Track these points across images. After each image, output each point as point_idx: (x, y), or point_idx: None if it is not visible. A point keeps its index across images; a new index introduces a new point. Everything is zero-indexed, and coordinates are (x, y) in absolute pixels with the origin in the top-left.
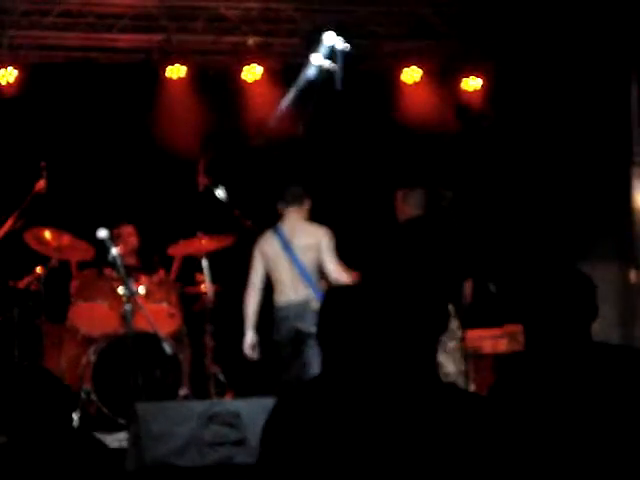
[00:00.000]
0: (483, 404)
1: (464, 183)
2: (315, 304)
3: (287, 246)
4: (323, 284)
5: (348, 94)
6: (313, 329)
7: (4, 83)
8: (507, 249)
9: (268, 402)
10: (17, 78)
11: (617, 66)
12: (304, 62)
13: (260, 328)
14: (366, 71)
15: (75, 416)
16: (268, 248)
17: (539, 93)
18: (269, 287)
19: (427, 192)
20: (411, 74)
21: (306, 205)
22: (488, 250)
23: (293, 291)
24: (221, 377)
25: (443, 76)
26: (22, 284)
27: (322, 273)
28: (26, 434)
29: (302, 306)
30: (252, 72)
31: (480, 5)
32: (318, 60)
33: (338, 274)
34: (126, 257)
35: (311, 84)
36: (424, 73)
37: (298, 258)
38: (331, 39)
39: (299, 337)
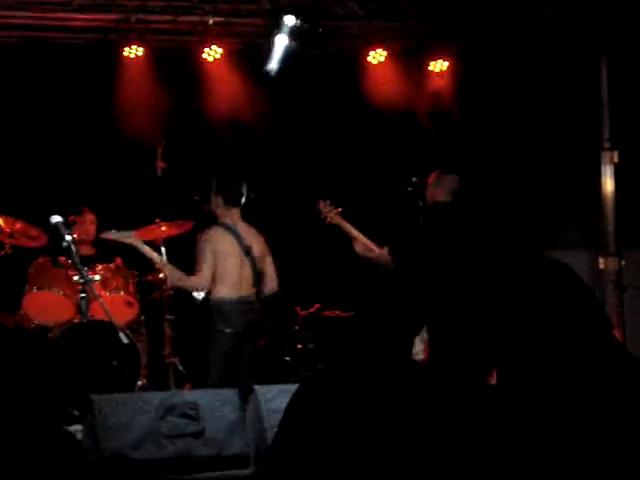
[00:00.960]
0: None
1: (430, 167)
2: (257, 305)
3: (248, 251)
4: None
5: (315, 75)
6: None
7: None
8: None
9: (227, 393)
10: None
11: (587, 49)
12: (265, 43)
13: None
14: (332, 52)
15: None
16: (221, 246)
17: (506, 76)
18: None
19: (460, 178)
20: (376, 55)
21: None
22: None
23: (242, 287)
24: (180, 368)
25: (409, 58)
26: None
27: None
28: None
29: (249, 304)
30: (212, 53)
31: None
32: (281, 41)
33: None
34: (82, 245)
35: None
36: (389, 54)
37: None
38: (292, 20)
39: (245, 333)
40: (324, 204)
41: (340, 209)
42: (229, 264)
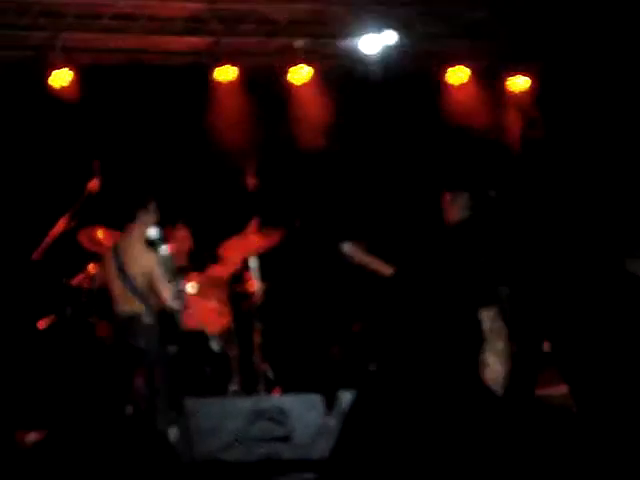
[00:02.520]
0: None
1: (509, 183)
2: (147, 319)
3: (121, 268)
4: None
5: (395, 93)
6: (142, 344)
7: (58, 85)
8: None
9: (314, 399)
10: (71, 80)
11: None
12: (352, 63)
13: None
14: (412, 71)
15: (129, 409)
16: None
17: (587, 92)
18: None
19: (473, 195)
20: (457, 74)
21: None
22: (532, 251)
23: (118, 303)
24: (269, 374)
25: (489, 76)
26: (74, 282)
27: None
28: (84, 424)
29: (126, 320)
30: (300, 74)
31: (526, 5)
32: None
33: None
34: (177, 257)
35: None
36: (471, 73)
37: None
38: (381, 39)
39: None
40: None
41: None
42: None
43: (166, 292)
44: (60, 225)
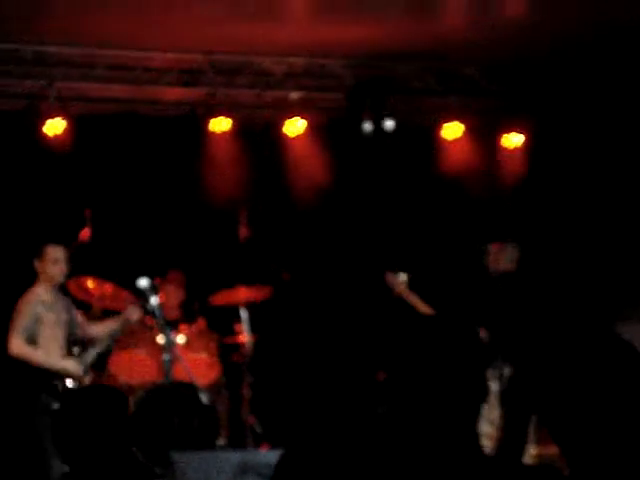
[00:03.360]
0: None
1: (506, 238)
2: None
3: None
4: None
5: (390, 149)
6: None
7: (51, 134)
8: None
9: None
10: (64, 129)
11: None
12: (346, 117)
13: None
14: (407, 126)
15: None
16: None
17: (581, 150)
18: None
19: (520, 247)
20: (452, 130)
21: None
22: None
23: None
24: (258, 428)
25: (483, 132)
26: None
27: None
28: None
29: None
30: (294, 126)
31: (521, 62)
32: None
33: None
34: (167, 307)
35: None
36: (466, 129)
37: None
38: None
39: None
40: (392, 275)
41: (406, 278)
42: None
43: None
44: None
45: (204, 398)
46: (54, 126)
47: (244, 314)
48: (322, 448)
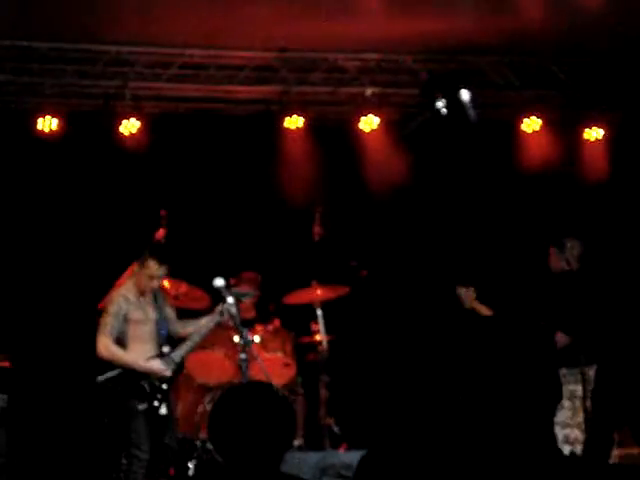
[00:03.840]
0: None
1: (589, 232)
2: None
3: None
4: None
5: (469, 143)
6: None
7: (127, 134)
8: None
9: None
10: (139, 129)
11: None
12: (422, 112)
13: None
14: (486, 120)
15: (191, 465)
16: None
17: None
18: None
19: (583, 244)
20: (531, 123)
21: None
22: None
23: None
24: (335, 429)
25: (563, 126)
26: None
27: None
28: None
29: None
30: (369, 123)
31: (600, 54)
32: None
33: None
34: (243, 308)
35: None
36: (544, 123)
37: None
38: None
39: None
40: (462, 289)
41: (477, 292)
42: None
43: None
44: (127, 273)
45: (281, 398)
46: (129, 126)
47: (320, 313)
48: (404, 448)
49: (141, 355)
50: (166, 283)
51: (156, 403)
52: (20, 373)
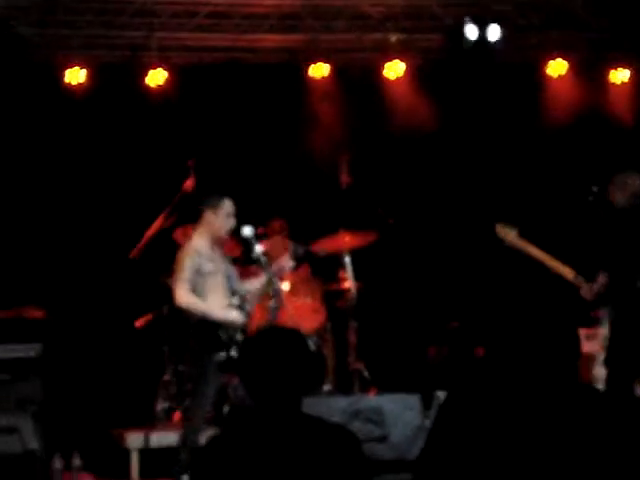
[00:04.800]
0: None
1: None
2: None
3: None
4: None
5: (492, 86)
6: None
7: (153, 85)
8: None
9: (410, 399)
10: (166, 79)
11: None
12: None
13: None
14: (510, 64)
15: (225, 409)
16: None
17: None
18: None
19: None
20: (556, 67)
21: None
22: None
23: None
24: (365, 373)
25: (589, 68)
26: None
27: None
28: None
29: None
30: (395, 69)
31: None
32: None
33: None
34: (272, 256)
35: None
36: (570, 66)
37: None
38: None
39: None
40: (501, 227)
41: (517, 229)
42: None
43: None
44: (157, 224)
45: (311, 344)
46: (156, 77)
47: (348, 260)
48: (482, 392)
49: (216, 306)
50: None
51: (232, 353)
52: (54, 322)
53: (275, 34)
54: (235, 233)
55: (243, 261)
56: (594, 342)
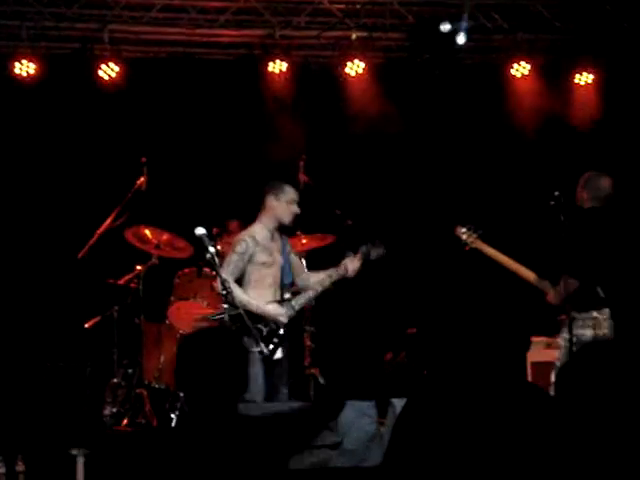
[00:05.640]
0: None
1: (571, 180)
2: None
3: None
4: None
5: (456, 87)
6: None
7: (106, 78)
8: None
9: (365, 406)
10: (118, 73)
11: None
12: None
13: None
14: (475, 64)
15: (173, 416)
16: None
17: None
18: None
19: (612, 180)
20: (520, 68)
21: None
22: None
23: None
24: (320, 379)
25: (553, 70)
26: (122, 282)
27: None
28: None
29: None
30: (355, 67)
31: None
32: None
33: None
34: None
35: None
36: (533, 67)
37: None
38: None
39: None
40: (462, 229)
41: (480, 232)
42: None
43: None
44: (107, 223)
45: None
46: (108, 70)
47: (304, 262)
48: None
49: (260, 298)
50: (148, 232)
51: (272, 347)
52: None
53: (232, 29)
54: (189, 233)
55: (196, 261)
56: (556, 350)
